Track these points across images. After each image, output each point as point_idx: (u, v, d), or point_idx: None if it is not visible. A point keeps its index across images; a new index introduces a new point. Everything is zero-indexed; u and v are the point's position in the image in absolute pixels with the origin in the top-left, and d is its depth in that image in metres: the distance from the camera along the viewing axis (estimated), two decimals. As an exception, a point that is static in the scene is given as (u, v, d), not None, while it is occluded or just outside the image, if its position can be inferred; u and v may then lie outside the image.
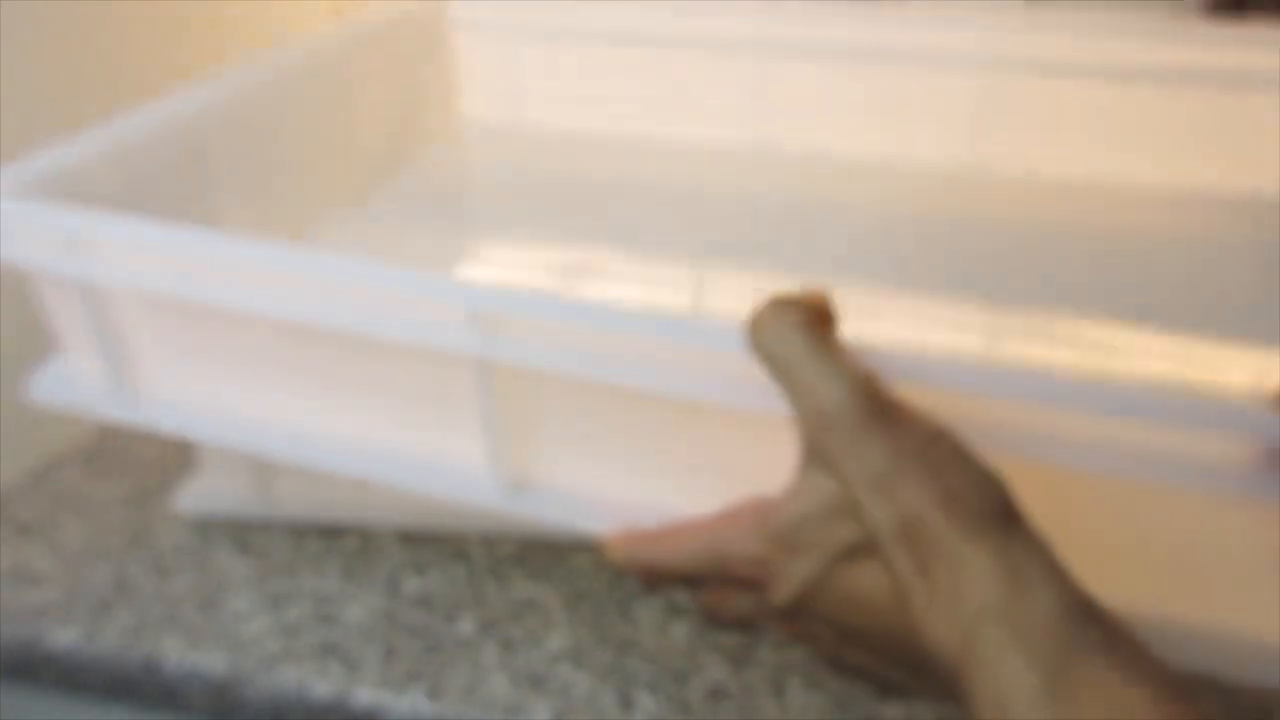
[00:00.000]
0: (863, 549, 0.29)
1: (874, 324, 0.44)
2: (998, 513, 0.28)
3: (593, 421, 0.38)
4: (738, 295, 0.55)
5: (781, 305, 0.31)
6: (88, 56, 0.69)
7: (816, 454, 0.30)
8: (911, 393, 0.30)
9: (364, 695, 0.44)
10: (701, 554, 0.33)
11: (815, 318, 0.31)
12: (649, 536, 0.35)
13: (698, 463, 0.37)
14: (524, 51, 0.74)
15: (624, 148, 0.72)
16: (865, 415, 0.29)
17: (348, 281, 0.37)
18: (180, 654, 0.46)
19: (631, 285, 0.58)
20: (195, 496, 0.56)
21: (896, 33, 0.66)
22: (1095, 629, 0.27)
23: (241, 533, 0.55)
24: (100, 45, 0.70)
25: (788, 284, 0.33)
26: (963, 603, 0.27)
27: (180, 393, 0.45)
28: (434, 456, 0.41)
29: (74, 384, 0.46)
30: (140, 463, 0.62)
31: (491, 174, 0.73)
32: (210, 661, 0.46)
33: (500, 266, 0.62)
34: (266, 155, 0.57)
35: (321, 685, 0.44)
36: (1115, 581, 0.29)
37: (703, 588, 0.36)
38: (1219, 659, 0.34)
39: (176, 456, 0.63)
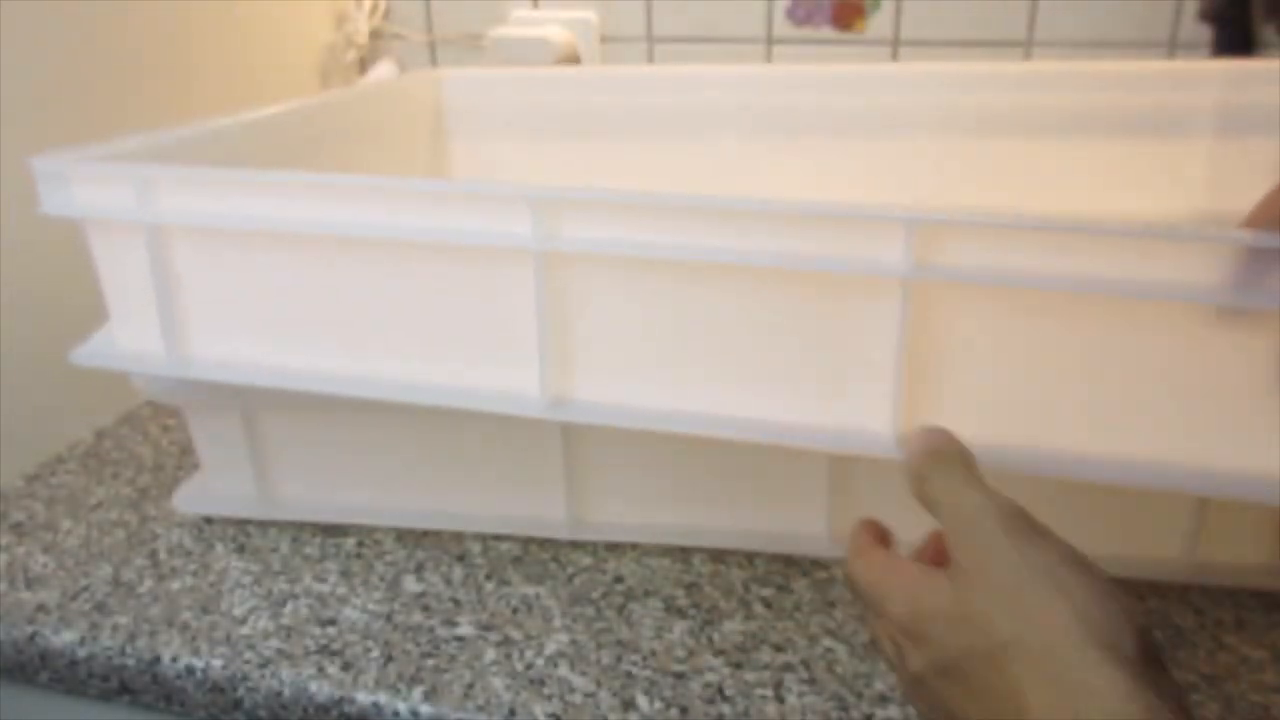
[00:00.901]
0: (975, 659, 0.29)
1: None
2: (1136, 648, 0.27)
3: (622, 347, 0.42)
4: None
5: (940, 456, 0.34)
6: (92, 57, 0.69)
7: (958, 565, 0.31)
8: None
9: (362, 696, 0.44)
10: (867, 589, 0.34)
11: (963, 458, 0.34)
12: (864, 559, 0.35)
13: (714, 375, 0.41)
14: (506, 128, 0.75)
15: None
16: (1007, 530, 0.30)
17: (415, 196, 0.41)
18: (179, 654, 0.46)
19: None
20: (195, 496, 0.56)
21: (865, 98, 0.68)
22: None
23: (241, 533, 0.55)
24: (104, 47, 0.70)
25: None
26: None
27: (228, 345, 0.47)
28: (483, 380, 0.44)
29: (123, 347, 0.48)
30: (139, 463, 0.62)
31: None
32: (209, 662, 0.46)
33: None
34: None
35: (320, 686, 0.44)
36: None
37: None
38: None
39: (176, 456, 0.63)
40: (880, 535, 0.37)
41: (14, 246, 0.64)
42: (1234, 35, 0.77)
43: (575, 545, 0.53)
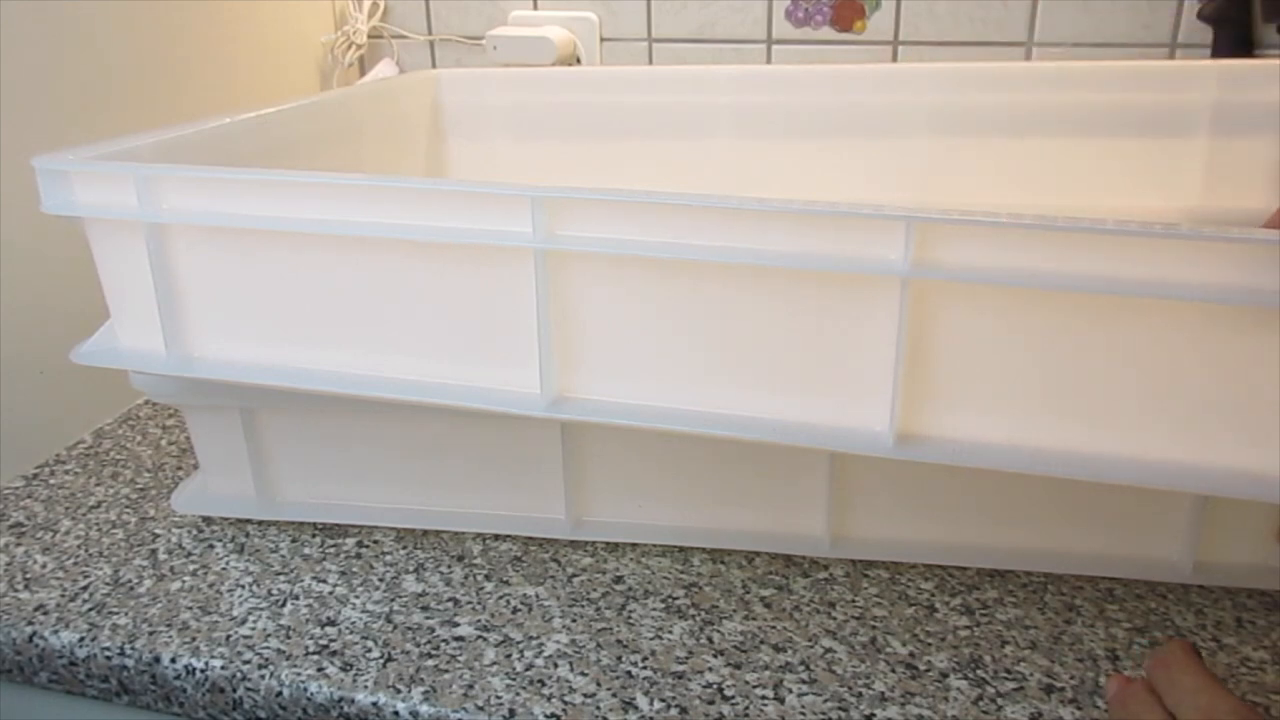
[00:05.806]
0: None
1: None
2: None
3: (622, 346, 0.42)
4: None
5: (1184, 670, 0.36)
6: (92, 57, 0.69)
7: None
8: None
9: (362, 697, 0.44)
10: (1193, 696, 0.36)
11: (1196, 657, 0.37)
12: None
13: (714, 374, 0.41)
14: (505, 128, 0.75)
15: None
16: None
17: (415, 195, 0.41)
18: (178, 655, 0.46)
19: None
20: (195, 496, 0.56)
21: (865, 98, 0.69)
22: None
23: (240, 533, 0.55)
24: (104, 47, 0.70)
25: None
26: None
27: (229, 345, 0.47)
28: (483, 380, 0.44)
29: (123, 346, 0.49)
30: (139, 463, 0.62)
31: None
32: (208, 662, 0.46)
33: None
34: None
35: (320, 686, 0.44)
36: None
37: None
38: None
39: (176, 456, 0.63)
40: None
41: (14, 246, 0.64)
42: (1234, 35, 0.77)
43: (575, 545, 0.53)
